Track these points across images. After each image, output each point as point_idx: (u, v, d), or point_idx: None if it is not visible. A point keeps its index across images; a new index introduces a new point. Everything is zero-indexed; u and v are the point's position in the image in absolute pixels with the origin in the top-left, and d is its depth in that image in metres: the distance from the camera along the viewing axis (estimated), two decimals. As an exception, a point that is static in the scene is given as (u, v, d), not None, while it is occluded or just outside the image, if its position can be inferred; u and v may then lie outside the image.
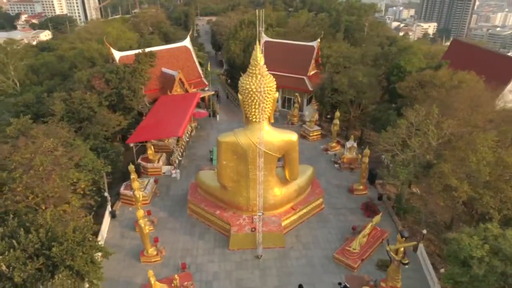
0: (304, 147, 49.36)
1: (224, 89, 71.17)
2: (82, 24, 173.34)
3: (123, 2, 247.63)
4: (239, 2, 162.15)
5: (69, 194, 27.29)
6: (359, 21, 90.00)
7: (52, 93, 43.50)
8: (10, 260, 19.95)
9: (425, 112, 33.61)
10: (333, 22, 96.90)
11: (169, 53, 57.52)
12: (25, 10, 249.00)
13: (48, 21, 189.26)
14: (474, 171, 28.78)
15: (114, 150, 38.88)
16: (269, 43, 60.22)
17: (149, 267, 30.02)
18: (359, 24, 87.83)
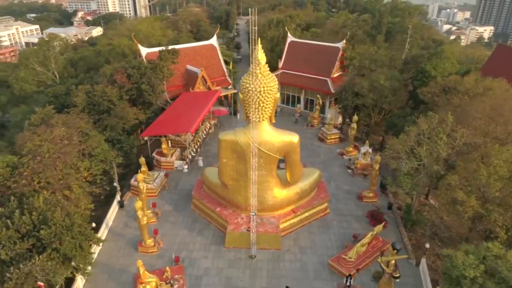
0: (320, 150, 48.64)
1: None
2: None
3: (172, 0, 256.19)
4: (280, 2, 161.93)
5: (72, 181, 28.67)
6: (403, 23, 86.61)
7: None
8: (2, 238, 21.48)
9: (440, 119, 31.80)
10: (375, 23, 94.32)
11: (194, 50, 58.71)
12: (81, 7, 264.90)
13: (101, 18, 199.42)
14: (484, 185, 26.85)
15: (128, 142, 40.34)
16: (294, 43, 59.74)
17: (146, 258, 31.13)
18: (402, 26, 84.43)
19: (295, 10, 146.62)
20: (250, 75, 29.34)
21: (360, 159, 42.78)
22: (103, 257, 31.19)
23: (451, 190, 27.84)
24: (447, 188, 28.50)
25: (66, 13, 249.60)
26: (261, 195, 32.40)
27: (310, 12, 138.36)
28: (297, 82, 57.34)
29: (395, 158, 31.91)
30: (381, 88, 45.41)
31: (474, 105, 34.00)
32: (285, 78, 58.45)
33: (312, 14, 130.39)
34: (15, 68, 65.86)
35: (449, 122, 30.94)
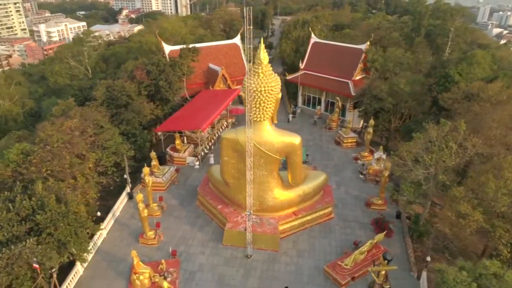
0: (334, 153, 47.74)
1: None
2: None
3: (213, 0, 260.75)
4: (317, 3, 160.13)
5: (78, 170, 30.04)
6: (444, 25, 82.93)
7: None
8: (1, 220, 22.96)
9: (452, 127, 30.24)
10: (415, 26, 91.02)
11: (218, 49, 59.48)
12: (127, 5, 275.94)
13: (143, 16, 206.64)
14: (491, 199, 25.26)
15: (142, 137, 41.61)
16: (317, 44, 58.91)
17: (145, 249, 32.12)
18: (443, 29, 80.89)
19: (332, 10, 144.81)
20: (253, 74, 29.33)
21: (373, 165, 41.51)
22: (106, 245, 32.45)
23: (456, 202, 26.42)
24: (453, 199, 27.07)
25: (112, 11, 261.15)
26: (261, 195, 32.36)
27: (347, 13, 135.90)
28: (318, 83, 56.52)
29: (401, 165, 30.68)
30: (400, 92, 43.81)
31: (493, 113, 32.02)
32: (306, 79, 57.81)
33: (348, 15, 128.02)
34: (52, 62, 69.79)
35: (461, 130, 29.34)
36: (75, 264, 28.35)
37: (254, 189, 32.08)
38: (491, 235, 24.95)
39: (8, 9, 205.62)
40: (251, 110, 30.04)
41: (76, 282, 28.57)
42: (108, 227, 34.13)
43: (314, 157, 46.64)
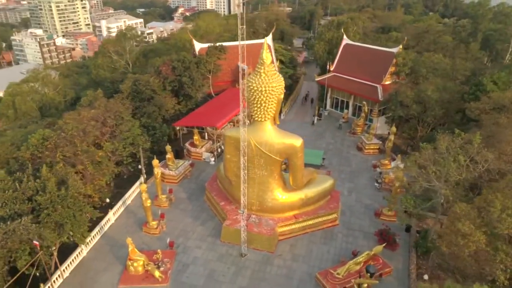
0: (353, 159, 46.30)
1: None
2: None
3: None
4: (368, 4, 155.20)
5: (87, 158, 31.91)
6: (505, 30, 77.06)
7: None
8: (8, 198, 25.10)
9: (467, 139, 28.19)
10: (473, 29, 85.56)
11: (248, 48, 59.36)
12: (183, 4, 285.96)
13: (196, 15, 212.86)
14: (495, 220, 23.25)
15: (161, 130, 43.15)
16: (349, 46, 57.29)
17: (147, 238, 33.41)
18: (504, 34, 75.17)
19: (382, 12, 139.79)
20: (255, 74, 29.39)
21: (390, 174, 39.70)
22: (112, 230, 34.20)
23: (457, 219, 24.61)
24: (455, 216, 25.23)
25: (169, 9, 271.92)
26: (261, 196, 32.31)
27: (398, 15, 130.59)
28: (345, 86, 55.01)
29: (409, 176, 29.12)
30: (427, 99, 41.41)
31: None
32: (334, 81, 56.49)
33: (399, 17, 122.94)
34: (96, 55, 74.32)
35: (475, 143, 27.26)
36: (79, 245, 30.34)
37: (254, 189, 32.24)
38: (491, 258, 22.91)
39: (75, 5, 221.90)
40: (254, 110, 30.19)
41: (79, 262, 30.49)
42: (117, 214, 35.90)
43: (332, 161, 45.55)
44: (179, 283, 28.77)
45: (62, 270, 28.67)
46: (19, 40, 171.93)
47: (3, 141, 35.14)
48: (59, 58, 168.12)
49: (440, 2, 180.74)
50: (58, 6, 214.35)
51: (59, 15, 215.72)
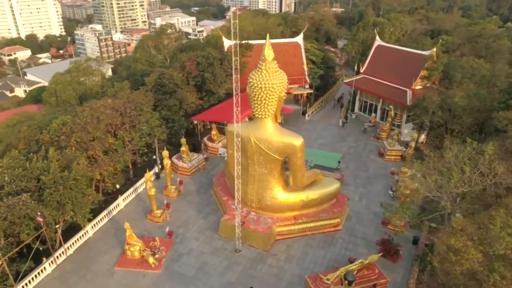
0: (372, 165, 44.56)
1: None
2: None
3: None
4: (423, 5, 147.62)
5: (97, 144, 33.63)
6: None
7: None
8: (17, 175, 27.24)
9: (479, 150, 26.13)
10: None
11: (278, 47, 59.22)
12: (235, 3, 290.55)
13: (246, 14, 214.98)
14: (493, 238, 21.34)
15: (180, 123, 44.36)
16: (381, 48, 55.07)
17: (150, 225, 34.61)
18: None
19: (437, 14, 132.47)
20: (257, 71, 29.30)
21: (406, 182, 37.63)
22: (119, 215, 35.80)
23: (453, 233, 22.89)
24: (452, 230, 23.49)
25: (222, 8, 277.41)
26: (260, 194, 32.16)
27: (454, 17, 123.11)
28: (374, 89, 52.94)
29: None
30: (454, 106, 38.75)
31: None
32: (363, 83, 54.56)
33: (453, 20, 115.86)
34: (136, 50, 77.83)
35: (487, 154, 25.17)
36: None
37: (254, 186, 32.20)
38: (485, 279, 21.00)
39: (134, 3, 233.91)
40: (254, 107, 30.12)
41: (84, 242, 32.31)
42: (127, 200, 37.50)
43: (349, 165, 44.12)
44: (171, 271, 29.50)
45: (66, 247, 30.54)
46: (80, 35, 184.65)
47: (31, 125, 38.15)
48: (115, 53, 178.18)
49: (506, 5, 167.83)
50: (119, 3, 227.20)
51: (119, 12, 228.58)
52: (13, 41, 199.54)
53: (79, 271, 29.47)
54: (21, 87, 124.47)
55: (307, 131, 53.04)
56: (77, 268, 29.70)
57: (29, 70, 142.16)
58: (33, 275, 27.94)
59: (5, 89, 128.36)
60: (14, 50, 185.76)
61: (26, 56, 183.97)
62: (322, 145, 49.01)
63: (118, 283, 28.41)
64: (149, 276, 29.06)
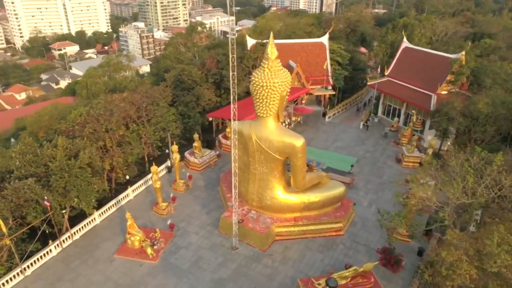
0: (387, 171, 43.06)
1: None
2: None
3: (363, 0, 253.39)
4: (469, 8, 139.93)
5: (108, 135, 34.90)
6: None
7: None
8: (28, 160, 28.92)
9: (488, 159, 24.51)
10: None
11: (302, 47, 58.99)
12: (276, 3, 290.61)
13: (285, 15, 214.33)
14: (489, 254, 19.94)
15: (195, 119, 45.11)
16: (408, 50, 52.91)
17: (154, 217, 35.48)
18: None
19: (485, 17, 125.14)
20: (260, 69, 29.17)
21: (416, 190, 35.94)
22: (128, 205, 36.99)
23: (448, 246, 21.63)
24: (449, 243, 22.19)
25: (263, 8, 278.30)
26: (260, 193, 32.01)
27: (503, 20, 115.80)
28: (398, 93, 50.92)
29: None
30: (477, 113, 36.50)
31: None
32: (387, 86, 52.68)
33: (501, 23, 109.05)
34: (167, 47, 79.90)
35: (495, 165, 23.55)
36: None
37: (255, 185, 32.14)
38: (476, 297, 19.68)
39: (177, 2, 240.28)
40: (257, 105, 30.01)
41: (91, 228, 33.71)
42: (136, 191, 38.65)
43: (363, 170, 42.83)
44: (167, 263, 30.08)
45: (72, 232, 32.03)
46: (124, 32, 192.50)
47: (53, 114, 40.35)
48: (155, 50, 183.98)
49: None
50: (162, 2, 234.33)
51: (162, 11, 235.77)
52: (64, 36, 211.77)
53: (82, 255, 30.79)
54: (65, 80, 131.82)
55: (325, 133, 52.10)
56: (81, 253, 31.05)
57: (74, 64, 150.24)
58: (39, 256, 29.58)
59: (51, 81, 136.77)
60: (64, 45, 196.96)
61: (74, 51, 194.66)
62: (339, 148, 47.91)
63: (115, 270, 29.39)
64: (145, 266, 29.80)
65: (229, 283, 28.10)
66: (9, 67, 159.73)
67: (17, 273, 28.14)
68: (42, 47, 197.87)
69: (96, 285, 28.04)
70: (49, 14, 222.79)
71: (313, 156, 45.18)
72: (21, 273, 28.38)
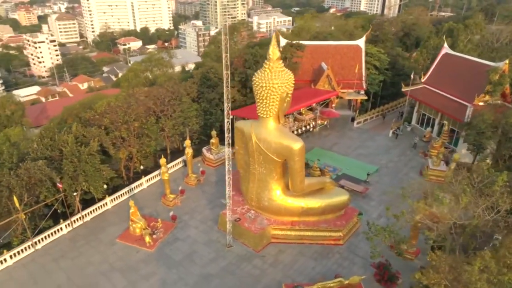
0: (408, 182, 40.30)
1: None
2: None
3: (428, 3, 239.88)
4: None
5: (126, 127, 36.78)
6: None
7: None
8: (45, 144, 31.50)
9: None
10: None
11: (336, 49, 57.40)
12: (336, 4, 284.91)
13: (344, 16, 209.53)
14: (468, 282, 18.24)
15: (216, 116, 45.95)
16: (448, 56, 49.33)
17: (160, 207, 36.82)
18: None
19: None
20: (261, 70, 29.01)
21: (433, 207, 33.51)
22: (140, 194, 38.81)
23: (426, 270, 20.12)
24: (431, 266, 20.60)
25: (322, 9, 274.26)
26: (259, 193, 31.90)
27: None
28: (432, 101, 47.68)
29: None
30: (508, 128, 33.21)
31: None
32: (422, 94, 49.53)
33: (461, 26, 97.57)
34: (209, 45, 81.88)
35: (497, 186, 21.43)
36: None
37: (254, 185, 32.15)
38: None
39: (236, 2, 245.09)
40: (258, 105, 29.91)
41: (102, 212, 35.86)
42: (150, 182, 40.33)
43: (381, 180, 40.83)
44: (162, 252, 31.12)
45: (83, 214, 34.33)
46: (183, 29, 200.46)
47: (83, 103, 43.39)
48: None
49: None
50: (222, 1, 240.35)
51: (222, 10, 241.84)
52: (129, 32, 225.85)
53: (88, 236, 32.89)
54: (123, 73, 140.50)
55: (350, 139, 50.35)
56: (88, 234, 33.18)
57: (133, 58, 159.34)
58: (50, 232, 32.13)
59: (111, 73, 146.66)
60: (129, 40, 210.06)
61: (137, 46, 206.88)
62: (361, 155, 46.07)
63: (113, 253, 31.02)
64: (141, 253, 31.09)
65: (215, 280, 28.40)
66: (78, 59, 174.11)
67: (28, 246, 30.82)
68: (109, 42, 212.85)
69: (93, 265, 29.84)
70: (118, 11, 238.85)
71: (331, 161, 44.07)
72: (32, 246, 31.02)
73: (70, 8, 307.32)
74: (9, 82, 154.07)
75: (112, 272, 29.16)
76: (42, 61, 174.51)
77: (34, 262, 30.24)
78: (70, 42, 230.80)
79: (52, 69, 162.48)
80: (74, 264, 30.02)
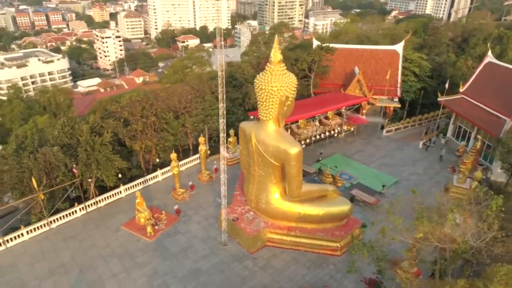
0: (428, 199, 37.70)
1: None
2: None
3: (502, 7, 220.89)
4: None
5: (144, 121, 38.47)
6: None
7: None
8: (65, 132, 34.05)
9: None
10: None
11: (372, 54, 55.21)
12: (399, 6, 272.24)
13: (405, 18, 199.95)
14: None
15: (236, 116, 46.48)
16: (490, 66, 45.29)
17: (170, 200, 38.08)
18: None
19: None
20: (263, 73, 28.86)
21: (445, 226, 31.12)
22: (154, 186, 40.48)
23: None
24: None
25: (384, 11, 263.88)
26: (257, 195, 31.83)
27: None
28: (468, 113, 44.03)
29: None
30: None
31: None
32: (459, 105, 45.94)
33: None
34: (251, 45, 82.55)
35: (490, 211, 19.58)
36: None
37: (253, 186, 32.17)
38: None
39: (294, 2, 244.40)
40: (258, 107, 29.86)
41: (116, 199, 37.95)
42: (166, 175, 41.83)
43: (399, 193, 38.44)
44: (160, 244, 32.24)
45: (97, 200, 36.60)
46: (239, 29, 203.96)
47: (114, 97, 46.09)
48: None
49: None
50: (280, 2, 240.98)
51: (279, 10, 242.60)
52: (189, 30, 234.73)
53: (98, 221, 35.02)
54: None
55: (376, 147, 48.20)
56: (98, 219, 35.33)
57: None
58: (65, 213, 34.70)
59: (165, 69, 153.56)
60: (187, 38, 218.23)
61: (195, 44, 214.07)
62: (382, 165, 43.94)
63: (116, 239, 32.73)
64: (142, 242, 32.45)
65: (203, 276, 28.85)
66: (138, 54, 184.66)
67: (44, 224, 33.55)
68: (169, 39, 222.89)
69: (96, 248, 31.74)
70: (180, 10, 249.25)
71: (349, 168, 42.62)
72: (47, 225, 33.72)
73: (139, 6, 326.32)
74: (77, 73, 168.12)
75: (111, 257, 30.78)
76: (107, 55, 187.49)
77: (47, 240, 32.87)
78: (135, 38, 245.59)
79: (115, 63, 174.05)
80: (80, 245, 32.15)
